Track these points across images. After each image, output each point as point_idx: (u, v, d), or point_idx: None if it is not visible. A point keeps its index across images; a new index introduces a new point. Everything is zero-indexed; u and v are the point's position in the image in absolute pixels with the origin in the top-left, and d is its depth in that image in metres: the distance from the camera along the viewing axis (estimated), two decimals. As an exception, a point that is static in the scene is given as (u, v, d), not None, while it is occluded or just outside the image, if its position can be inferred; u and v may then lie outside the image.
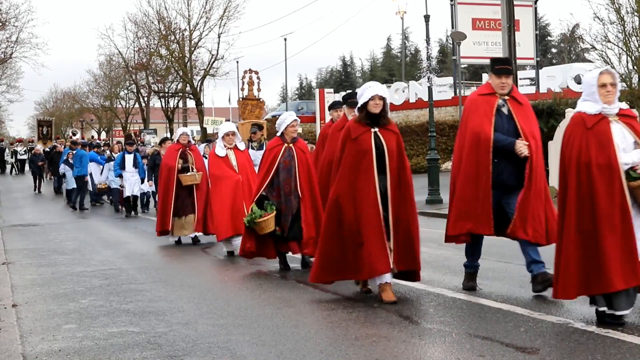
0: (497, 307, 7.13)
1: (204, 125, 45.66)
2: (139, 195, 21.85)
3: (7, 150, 49.59)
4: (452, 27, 33.11)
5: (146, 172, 20.14)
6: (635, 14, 20.84)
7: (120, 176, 21.53)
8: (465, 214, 7.69)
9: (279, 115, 11.78)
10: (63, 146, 29.63)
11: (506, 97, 7.75)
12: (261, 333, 6.51)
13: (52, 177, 31.27)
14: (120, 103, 63.68)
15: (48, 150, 35.58)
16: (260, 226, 9.63)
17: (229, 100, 60.00)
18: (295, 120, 10.00)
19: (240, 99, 37.37)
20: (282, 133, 10.00)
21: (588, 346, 5.68)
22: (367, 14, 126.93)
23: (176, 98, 53.53)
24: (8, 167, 48.41)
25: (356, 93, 11.15)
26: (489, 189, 7.56)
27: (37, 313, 7.80)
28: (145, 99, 56.45)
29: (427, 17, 31.63)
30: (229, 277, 10.10)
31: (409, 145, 32.18)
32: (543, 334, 6.08)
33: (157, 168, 16.73)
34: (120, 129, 65.68)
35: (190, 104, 53.27)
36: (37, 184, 32.87)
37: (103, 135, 68.32)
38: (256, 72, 37.98)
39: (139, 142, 34.18)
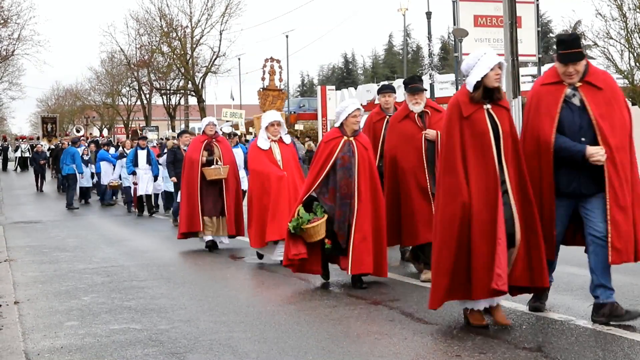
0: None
1: (223, 118, 44.48)
2: (152, 194, 20.26)
3: (10, 147, 49.72)
4: (454, 24, 33.06)
5: (164, 168, 18.33)
6: (638, 10, 20.83)
7: (134, 173, 20.09)
8: None
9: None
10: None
11: (578, 84, 6.26)
12: (263, 330, 6.52)
13: (57, 176, 30.86)
14: (122, 100, 63.77)
15: (52, 147, 35.42)
16: (308, 233, 8.14)
17: (232, 97, 60.07)
18: (358, 109, 8.35)
19: (261, 89, 36.34)
20: (341, 124, 8.39)
21: (589, 343, 5.68)
22: (369, 11, 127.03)
23: (178, 95, 53.63)
24: (10, 163, 48.50)
25: (418, 76, 9.50)
26: (552, 210, 6.26)
27: (39, 310, 7.81)
28: (147, 96, 56.59)
29: (428, 14, 31.63)
30: (230, 274, 10.10)
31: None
32: (545, 331, 6.08)
33: (179, 163, 15.74)
34: (122, 126, 65.83)
35: (192, 101, 53.42)
36: (39, 183, 32.52)
37: (105, 132, 68.41)
38: (278, 61, 36.85)
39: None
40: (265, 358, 5.67)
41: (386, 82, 11.17)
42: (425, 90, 9.23)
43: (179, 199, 16.12)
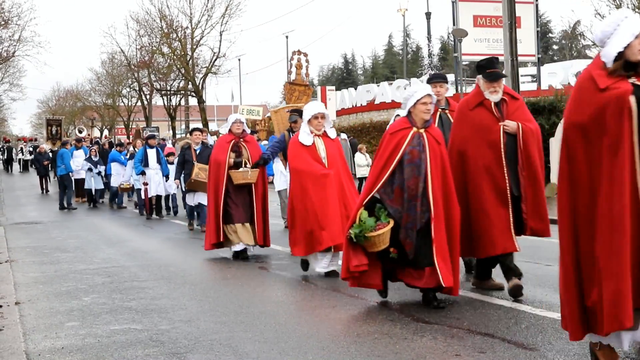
0: (499, 304, 7.14)
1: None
2: (163, 195, 19.38)
3: (14, 149, 49.85)
4: (454, 24, 33.08)
5: (174, 169, 17.18)
6: (637, 10, 20.85)
7: (143, 173, 19.04)
8: None
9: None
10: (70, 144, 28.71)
11: None
12: (263, 330, 6.53)
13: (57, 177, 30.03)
14: (122, 101, 63.82)
15: (55, 149, 35.07)
16: (372, 241, 6.94)
17: (232, 98, 60.13)
18: (429, 95, 7.08)
19: (287, 83, 35.79)
20: (409, 112, 7.15)
21: (589, 343, 5.69)
22: (368, 12, 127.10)
23: (178, 96, 53.66)
24: (15, 164, 48.63)
25: (497, 58, 7.86)
26: None
27: (40, 311, 7.82)
28: (148, 97, 56.62)
29: (428, 15, 31.71)
30: (231, 274, 10.11)
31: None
32: (544, 331, 6.09)
33: (188, 164, 15.20)
34: (123, 127, 65.89)
35: (193, 101, 53.44)
36: (43, 185, 31.68)
37: (106, 133, 68.46)
38: (305, 55, 36.33)
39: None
40: (265, 358, 5.68)
41: (435, 72, 8.90)
42: (505, 76, 7.84)
43: (187, 201, 15.59)
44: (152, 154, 19.12)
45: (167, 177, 18.78)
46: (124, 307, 7.78)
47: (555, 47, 77.93)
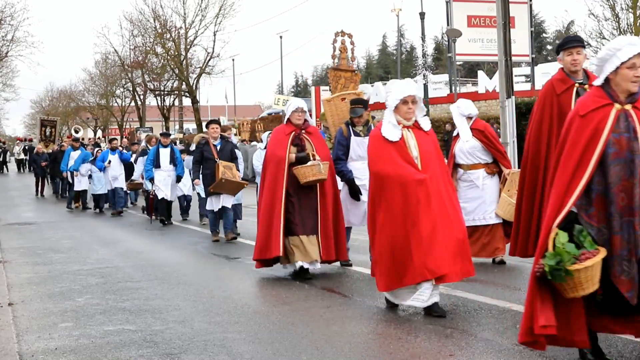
0: (493, 304, 7.14)
1: (274, 105, 39.76)
2: (175, 199, 17.49)
3: (8, 151, 49.98)
4: (448, 25, 33.11)
5: (188, 168, 15.48)
6: (630, 10, 20.92)
7: (152, 180, 16.90)
8: None
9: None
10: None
11: None
12: (257, 330, 6.53)
13: (54, 179, 29.12)
14: (116, 101, 63.84)
15: (49, 152, 34.72)
16: (577, 279, 4.57)
17: (226, 99, 60.16)
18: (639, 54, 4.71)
19: (332, 69, 35.47)
20: (606, 80, 4.82)
21: (583, 342, 5.69)
22: (363, 12, 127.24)
23: (172, 96, 53.72)
24: (8, 165, 48.61)
25: None
26: None
27: (34, 311, 7.80)
28: (141, 97, 56.67)
29: (422, 15, 31.75)
30: (225, 275, 10.09)
31: (405, 142, 32.20)
32: (538, 330, 6.08)
33: (209, 162, 13.31)
34: (117, 127, 65.90)
35: (186, 102, 53.49)
36: (39, 187, 30.86)
37: (99, 133, 68.44)
38: (350, 36, 36.05)
39: (136, 141, 32.77)
40: (259, 358, 5.68)
41: (569, 35, 7.19)
42: None
43: (208, 207, 13.62)
44: (164, 153, 16.96)
45: (178, 178, 17.06)
46: (117, 308, 7.76)
47: (549, 47, 78.09)
